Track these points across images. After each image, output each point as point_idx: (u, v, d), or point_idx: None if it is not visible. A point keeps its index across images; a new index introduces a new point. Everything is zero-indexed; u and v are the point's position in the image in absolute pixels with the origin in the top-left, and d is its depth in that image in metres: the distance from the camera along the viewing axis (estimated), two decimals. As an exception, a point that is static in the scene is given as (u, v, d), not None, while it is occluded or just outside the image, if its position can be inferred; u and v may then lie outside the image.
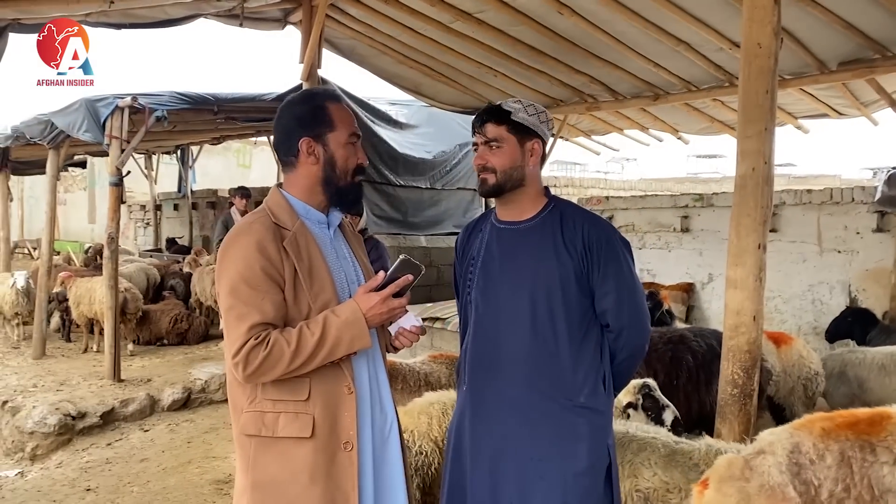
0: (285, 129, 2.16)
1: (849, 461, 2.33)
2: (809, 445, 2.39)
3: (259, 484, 2.00)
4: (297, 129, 2.13)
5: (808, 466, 2.37)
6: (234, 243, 2.02)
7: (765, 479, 2.38)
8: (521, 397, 2.39)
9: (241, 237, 2.02)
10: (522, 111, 2.43)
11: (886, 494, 2.28)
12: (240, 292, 1.95)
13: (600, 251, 2.39)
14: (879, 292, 6.57)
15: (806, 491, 2.32)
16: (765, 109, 3.48)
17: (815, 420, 2.52)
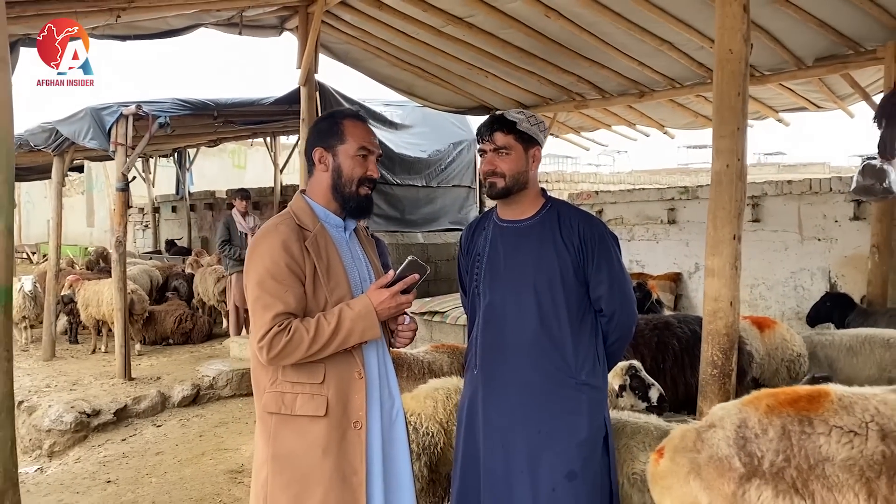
0: (308, 141, 2.48)
1: (789, 434, 2.54)
2: (755, 420, 2.58)
3: (278, 456, 2.28)
4: (315, 141, 2.44)
5: (753, 440, 2.55)
6: (262, 242, 2.30)
7: (713, 451, 2.55)
8: (529, 378, 2.69)
9: (268, 236, 2.30)
10: (526, 121, 2.72)
11: (822, 463, 2.50)
12: (266, 285, 2.23)
13: (594, 246, 2.70)
14: (857, 277, 6.87)
15: (749, 462, 2.50)
16: (736, 111, 3.77)
17: (761, 396, 2.71)
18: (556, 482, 2.61)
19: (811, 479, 2.50)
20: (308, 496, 2.24)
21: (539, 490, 2.62)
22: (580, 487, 2.61)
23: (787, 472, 2.52)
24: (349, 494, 2.26)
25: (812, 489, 2.50)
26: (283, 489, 2.26)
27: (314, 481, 2.24)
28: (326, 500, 2.23)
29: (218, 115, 9.37)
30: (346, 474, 2.27)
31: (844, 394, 2.67)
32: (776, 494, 2.50)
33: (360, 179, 2.42)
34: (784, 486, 2.50)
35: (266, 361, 2.25)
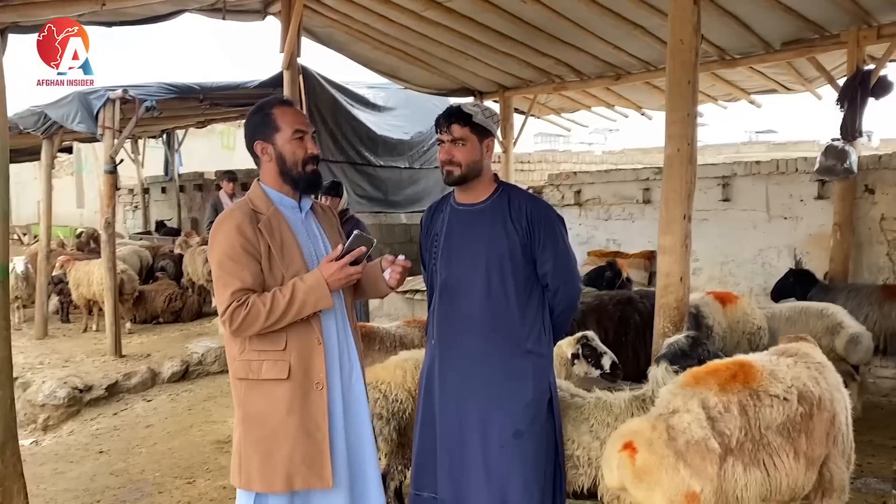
0: (247, 136, 2.71)
1: (745, 409, 2.72)
2: (715, 400, 2.71)
3: (248, 416, 2.55)
4: (253, 135, 2.67)
5: (719, 419, 2.68)
6: (219, 227, 2.56)
7: (690, 435, 2.60)
8: (480, 346, 2.96)
9: (224, 222, 2.56)
10: (481, 114, 2.96)
11: (766, 432, 2.74)
12: (224, 265, 2.49)
13: (541, 226, 2.96)
14: (822, 255, 7.13)
15: (721, 441, 2.64)
16: (687, 98, 3.99)
17: (700, 377, 2.84)
18: (504, 440, 2.89)
19: (760, 449, 2.72)
20: (276, 451, 2.50)
21: (489, 447, 2.90)
22: (526, 445, 2.89)
23: (747, 446, 2.69)
24: (314, 448, 2.52)
25: (761, 457, 2.72)
26: (255, 446, 2.52)
27: (281, 437, 2.50)
28: (293, 453, 2.50)
29: (204, 98, 9.53)
30: (310, 430, 2.53)
31: (762, 363, 2.92)
32: (744, 469, 2.67)
33: (304, 160, 2.65)
34: (747, 460, 2.68)
35: (230, 334, 2.52)
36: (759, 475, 2.68)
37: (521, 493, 2.88)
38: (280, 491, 2.49)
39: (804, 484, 2.82)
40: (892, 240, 6.84)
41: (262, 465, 2.49)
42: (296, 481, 2.50)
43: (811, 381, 2.89)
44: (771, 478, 2.70)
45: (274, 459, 2.49)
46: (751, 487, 2.66)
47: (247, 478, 2.52)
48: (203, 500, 4.67)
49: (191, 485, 4.95)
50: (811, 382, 2.89)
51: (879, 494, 4.37)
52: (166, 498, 4.73)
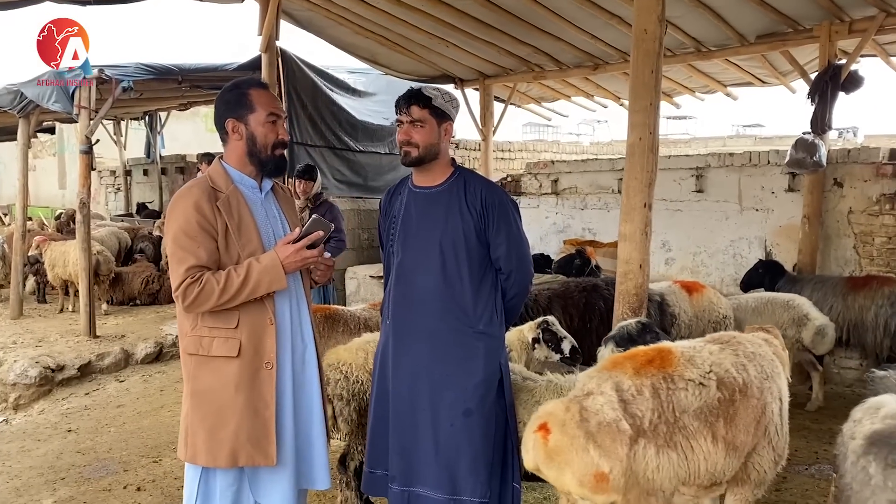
0: (217, 113, 2.72)
1: (657, 392, 2.76)
2: (629, 383, 2.75)
3: (196, 392, 2.59)
4: (224, 112, 2.68)
5: (632, 401, 2.69)
6: (177, 203, 2.58)
7: (601, 417, 2.63)
8: (433, 327, 3.01)
9: (182, 198, 2.58)
10: (440, 98, 3.01)
11: (682, 415, 2.77)
12: (180, 241, 2.51)
13: (495, 211, 3.01)
14: (790, 246, 7.23)
15: (633, 423, 2.67)
16: (650, 87, 4.04)
17: (618, 361, 2.89)
18: (454, 418, 2.95)
19: (675, 432, 2.76)
20: (222, 427, 2.54)
21: (439, 425, 2.96)
22: (475, 423, 2.95)
23: (660, 428, 2.72)
24: (260, 426, 2.57)
25: (676, 440, 2.76)
26: (201, 421, 2.56)
27: (228, 414, 2.54)
28: (239, 430, 2.54)
29: (182, 79, 9.48)
30: (257, 408, 2.57)
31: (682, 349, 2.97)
32: (657, 451, 2.70)
33: (275, 144, 2.68)
34: (661, 442, 2.71)
35: (183, 309, 2.55)
36: (675, 457, 2.71)
37: (468, 470, 2.94)
38: (224, 465, 2.54)
39: (725, 469, 2.84)
40: (858, 233, 6.94)
41: (207, 439, 2.53)
42: (240, 457, 2.54)
43: (736, 367, 2.94)
44: (688, 461, 2.73)
45: (220, 435, 2.53)
46: (664, 469, 2.68)
47: (192, 451, 2.56)
48: (167, 479, 4.71)
49: (156, 463, 4.98)
50: (735, 369, 2.93)
51: (831, 481, 4.47)
52: (131, 476, 4.77)
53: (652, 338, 3.45)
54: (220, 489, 2.58)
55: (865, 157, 6.89)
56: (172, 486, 4.58)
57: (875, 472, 2.41)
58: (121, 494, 4.50)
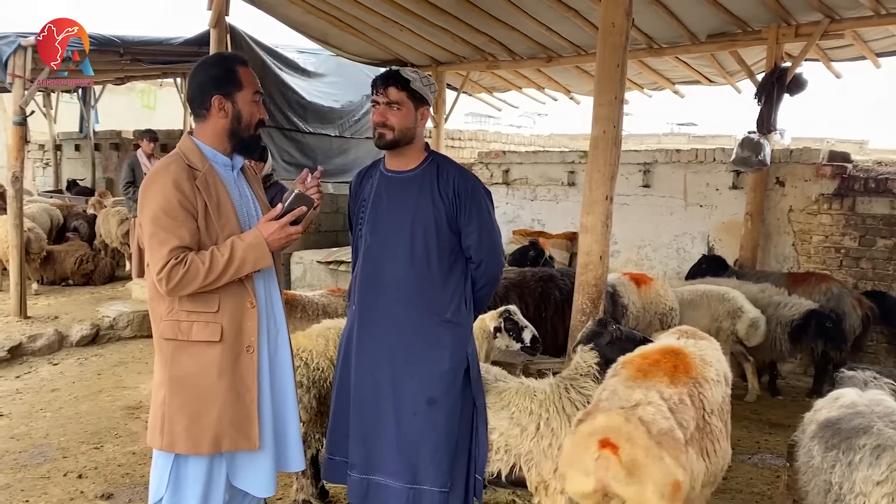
0: (200, 87, 2.57)
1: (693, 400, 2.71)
2: (669, 392, 2.65)
3: (175, 377, 2.48)
4: (211, 88, 2.55)
5: (677, 410, 2.61)
6: (154, 181, 2.45)
7: (659, 426, 2.50)
8: (400, 313, 2.96)
9: (160, 176, 2.45)
10: (419, 81, 2.94)
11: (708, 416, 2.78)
12: (161, 221, 2.39)
13: (467, 198, 2.97)
14: (733, 242, 7.46)
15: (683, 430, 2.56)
16: (615, 81, 4.08)
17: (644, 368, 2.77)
18: (417, 407, 2.92)
19: (705, 436, 2.72)
20: (205, 413, 2.45)
21: (402, 413, 2.93)
22: (439, 413, 2.93)
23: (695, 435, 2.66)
24: (242, 410, 2.50)
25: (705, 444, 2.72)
26: (181, 408, 2.46)
27: (210, 400, 2.46)
28: (222, 416, 2.46)
29: (124, 52, 9.11)
30: (240, 393, 2.50)
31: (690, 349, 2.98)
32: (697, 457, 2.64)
33: (257, 123, 2.61)
34: (697, 448, 2.66)
35: (165, 293, 2.42)
36: (705, 461, 2.68)
37: (430, 459, 2.92)
38: (206, 452, 2.46)
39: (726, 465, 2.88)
40: (798, 230, 7.20)
41: (188, 426, 2.44)
42: (223, 443, 2.47)
43: (721, 360, 3.03)
44: (712, 462, 2.72)
45: (202, 422, 2.44)
46: (700, 475, 2.62)
47: (170, 440, 2.45)
48: (111, 465, 4.54)
49: (98, 450, 4.80)
50: (722, 361, 3.02)
51: (774, 469, 4.64)
52: (71, 462, 4.58)
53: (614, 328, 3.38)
54: (193, 475, 2.49)
55: (807, 158, 7.15)
56: (116, 474, 4.41)
57: (817, 454, 2.50)
58: (61, 482, 4.31)
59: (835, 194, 6.98)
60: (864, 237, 6.84)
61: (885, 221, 6.71)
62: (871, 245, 6.79)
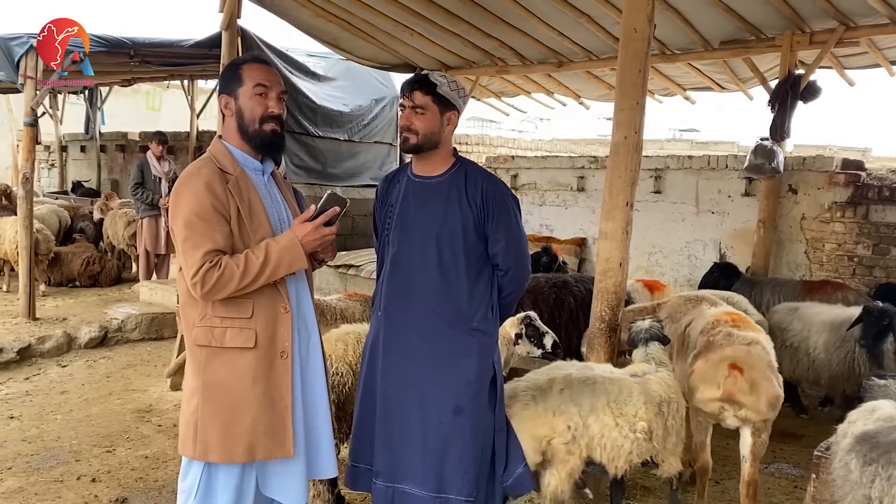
0: (218, 90, 2.61)
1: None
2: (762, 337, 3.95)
3: (209, 385, 2.44)
4: (221, 90, 2.59)
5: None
6: (187, 184, 2.42)
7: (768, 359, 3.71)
8: (426, 321, 2.93)
9: (192, 179, 2.42)
10: (446, 85, 2.92)
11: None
12: (194, 225, 2.36)
13: (495, 205, 2.95)
14: (745, 249, 7.43)
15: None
16: (637, 87, 4.05)
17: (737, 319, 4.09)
18: (444, 416, 2.89)
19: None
20: (238, 421, 2.42)
21: (428, 422, 2.90)
22: (466, 421, 2.90)
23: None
24: (277, 418, 2.46)
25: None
26: (214, 416, 2.42)
27: (244, 407, 2.42)
28: (256, 423, 2.43)
29: (134, 53, 9.11)
30: (273, 400, 2.46)
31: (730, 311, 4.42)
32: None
33: (263, 117, 2.53)
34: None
35: (200, 297, 2.39)
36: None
37: (455, 468, 2.90)
38: (241, 460, 2.43)
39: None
40: (810, 238, 7.17)
41: (222, 434, 2.40)
42: (258, 451, 2.43)
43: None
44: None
45: (236, 429, 2.41)
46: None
47: (203, 448, 2.41)
48: (124, 469, 4.51)
49: (110, 453, 4.77)
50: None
51: (791, 479, 4.60)
52: (84, 466, 4.55)
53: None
54: (223, 484, 2.45)
55: (820, 166, 7.13)
56: (129, 477, 4.38)
57: (854, 468, 2.47)
58: (74, 486, 4.28)
59: (848, 202, 6.96)
60: (877, 245, 6.81)
61: (899, 230, 6.68)
62: (885, 254, 6.76)
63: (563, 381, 3.41)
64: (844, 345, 4.98)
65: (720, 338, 3.84)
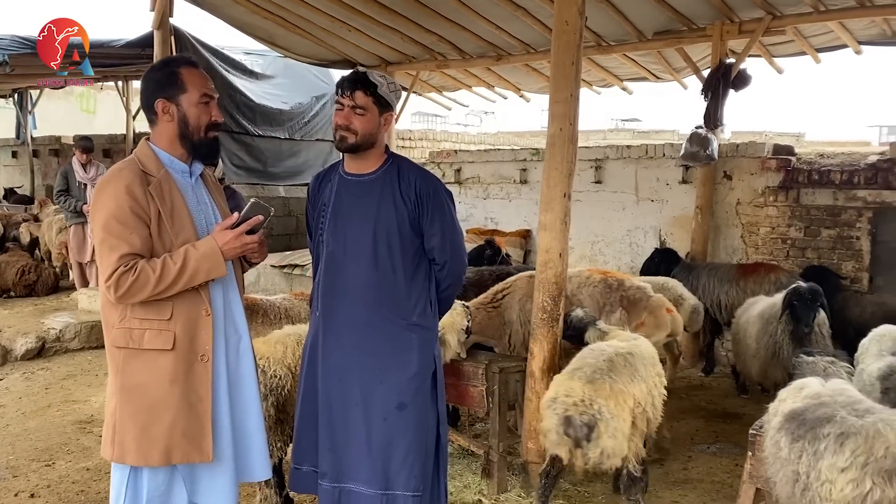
0: (146, 92, 2.55)
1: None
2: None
3: (126, 386, 2.42)
4: (155, 92, 2.52)
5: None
6: (106, 187, 2.40)
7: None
8: (366, 318, 2.92)
9: (112, 182, 2.40)
10: (385, 86, 2.91)
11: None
12: (111, 227, 2.34)
13: (429, 200, 2.95)
14: (683, 236, 7.60)
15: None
16: (571, 79, 4.10)
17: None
18: (387, 413, 2.89)
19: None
20: (156, 423, 2.39)
21: (372, 419, 2.90)
22: (409, 416, 2.91)
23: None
24: (195, 420, 2.44)
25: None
26: (132, 417, 2.40)
27: (162, 409, 2.40)
28: (174, 426, 2.40)
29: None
30: (192, 402, 2.44)
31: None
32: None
33: (208, 125, 2.55)
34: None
35: (114, 300, 2.37)
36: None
37: (401, 464, 2.90)
38: (157, 464, 2.40)
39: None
40: (745, 223, 7.37)
41: (139, 437, 2.38)
42: (175, 455, 2.41)
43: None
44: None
45: (152, 432, 2.39)
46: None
47: (121, 450, 2.40)
48: (64, 483, 4.38)
49: (50, 467, 4.63)
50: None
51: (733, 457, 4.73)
52: (22, 482, 4.40)
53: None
54: (149, 490, 2.43)
55: (752, 152, 7.32)
56: (70, 491, 4.26)
57: (784, 445, 2.55)
58: (12, 502, 4.14)
59: (780, 187, 7.17)
60: (808, 228, 7.04)
61: (829, 212, 6.91)
62: (816, 235, 6.99)
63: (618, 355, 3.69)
64: (768, 329, 5.04)
65: (633, 292, 4.84)
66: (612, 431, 3.35)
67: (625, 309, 4.90)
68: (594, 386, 3.39)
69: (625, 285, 4.93)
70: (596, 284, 4.99)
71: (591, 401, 3.36)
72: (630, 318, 4.82)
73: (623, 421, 3.38)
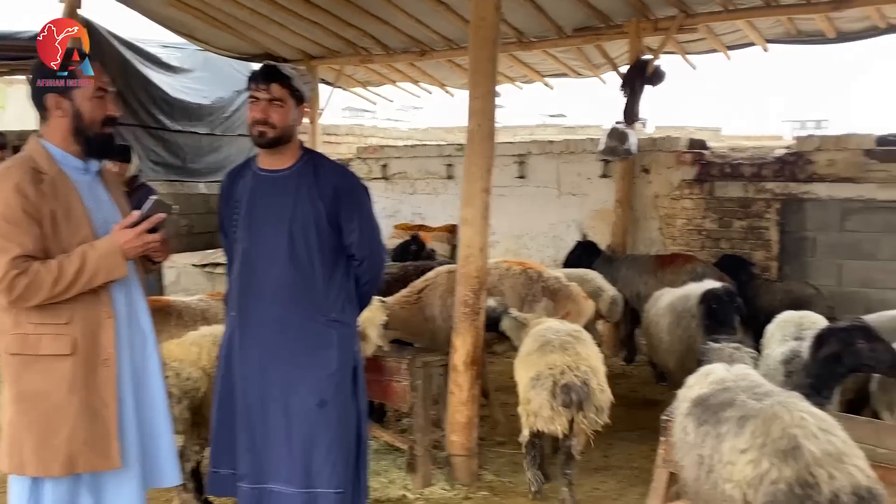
0: (34, 86, 2.44)
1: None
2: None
3: (22, 395, 2.32)
4: (45, 87, 2.41)
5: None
6: None
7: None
8: (283, 316, 2.89)
9: (0, 181, 2.28)
10: (299, 79, 2.88)
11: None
12: (1, 229, 2.23)
13: (346, 196, 2.94)
14: (604, 228, 7.78)
15: None
16: (488, 75, 4.13)
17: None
18: (307, 410, 2.86)
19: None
20: (55, 432, 2.30)
21: (292, 418, 2.86)
22: (330, 413, 2.89)
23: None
24: (99, 427, 2.35)
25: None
26: (29, 427, 2.30)
27: (61, 418, 2.31)
28: (74, 434, 2.31)
29: (-36, 47, 8.38)
30: (96, 408, 2.35)
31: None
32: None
33: (103, 120, 2.46)
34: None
35: (8, 304, 2.27)
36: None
37: (323, 461, 2.87)
38: (58, 474, 2.31)
39: None
40: (663, 215, 7.60)
41: (38, 446, 2.28)
42: (78, 464, 2.32)
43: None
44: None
45: (52, 441, 2.29)
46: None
47: (19, 461, 2.30)
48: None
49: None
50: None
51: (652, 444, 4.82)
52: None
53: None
54: (51, 500, 2.33)
55: (668, 146, 7.56)
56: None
57: (691, 430, 2.63)
58: None
59: (695, 180, 7.42)
60: (722, 219, 7.31)
61: (740, 203, 7.19)
62: (729, 226, 7.27)
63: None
64: (681, 322, 5.05)
65: (553, 282, 5.04)
66: (601, 386, 3.70)
67: (549, 299, 5.00)
68: (569, 353, 3.70)
69: (544, 276, 5.04)
70: (517, 276, 5.07)
71: (576, 364, 3.64)
72: (557, 307, 4.92)
73: (602, 376, 3.77)
